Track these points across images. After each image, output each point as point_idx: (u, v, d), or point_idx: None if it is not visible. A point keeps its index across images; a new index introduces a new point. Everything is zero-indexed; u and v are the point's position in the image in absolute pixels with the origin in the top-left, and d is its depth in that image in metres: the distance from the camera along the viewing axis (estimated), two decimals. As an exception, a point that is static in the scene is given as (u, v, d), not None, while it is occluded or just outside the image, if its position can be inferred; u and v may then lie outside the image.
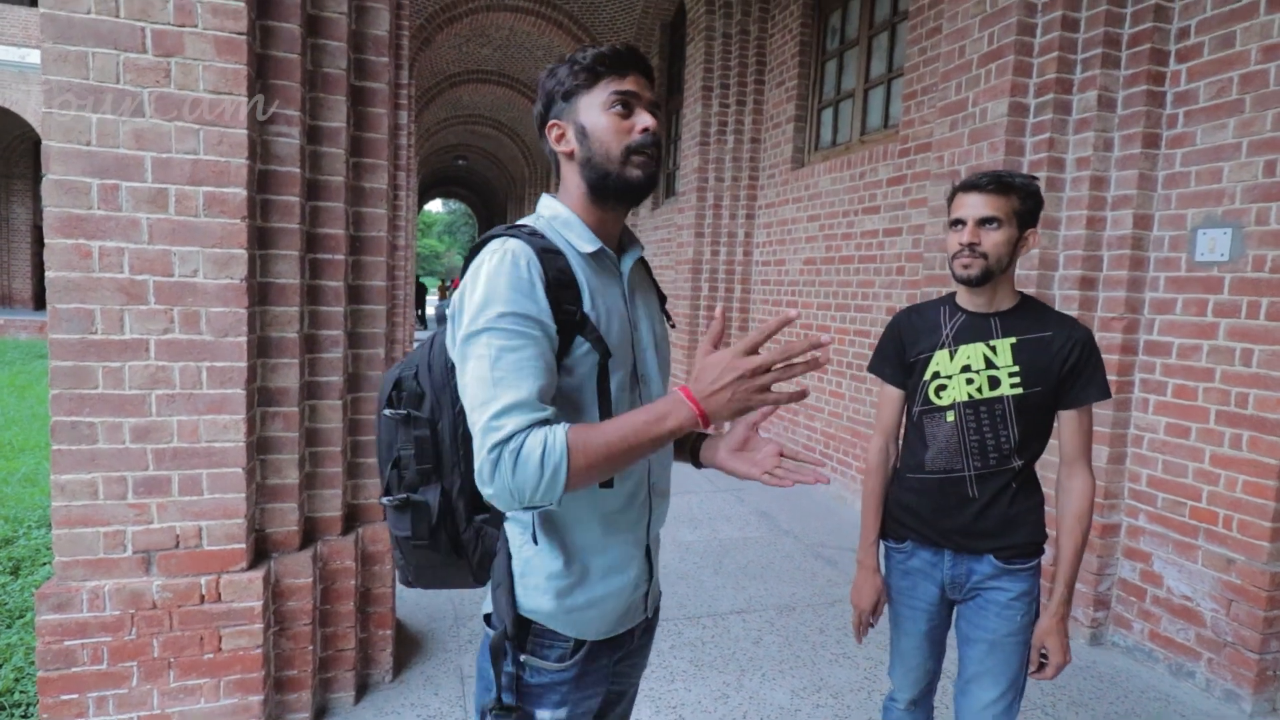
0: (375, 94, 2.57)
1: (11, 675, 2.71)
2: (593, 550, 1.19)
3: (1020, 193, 1.65)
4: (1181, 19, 3.07)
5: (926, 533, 1.79)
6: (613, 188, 1.16)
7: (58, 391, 2.09)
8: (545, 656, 1.19)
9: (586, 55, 1.15)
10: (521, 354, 1.03)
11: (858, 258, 5.43)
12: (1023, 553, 1.72)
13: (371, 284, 2.62)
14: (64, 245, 2.05)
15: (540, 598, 1.17)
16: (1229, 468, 2.88)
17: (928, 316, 1.81)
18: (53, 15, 1.99)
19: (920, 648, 1.84)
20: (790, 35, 6.41)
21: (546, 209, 1.22)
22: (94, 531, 2.16)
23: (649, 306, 1.31)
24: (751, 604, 3.61)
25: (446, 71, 13.41)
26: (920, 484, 1.79)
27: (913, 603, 1.83)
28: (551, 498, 1.01)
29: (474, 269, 1.09)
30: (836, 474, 5.62)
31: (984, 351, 1.69)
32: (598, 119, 1.15)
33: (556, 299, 1.08)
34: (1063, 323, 1.69)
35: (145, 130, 2.08)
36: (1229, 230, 2.88)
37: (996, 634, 1.71)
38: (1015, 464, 1.70)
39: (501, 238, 1.12)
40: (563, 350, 1.10)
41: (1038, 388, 1.65)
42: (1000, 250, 1.64)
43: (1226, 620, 2.86)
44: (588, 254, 1.17)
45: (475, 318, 1.04)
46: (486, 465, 0.99)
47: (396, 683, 2.77)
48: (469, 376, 1.04)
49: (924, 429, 1.78)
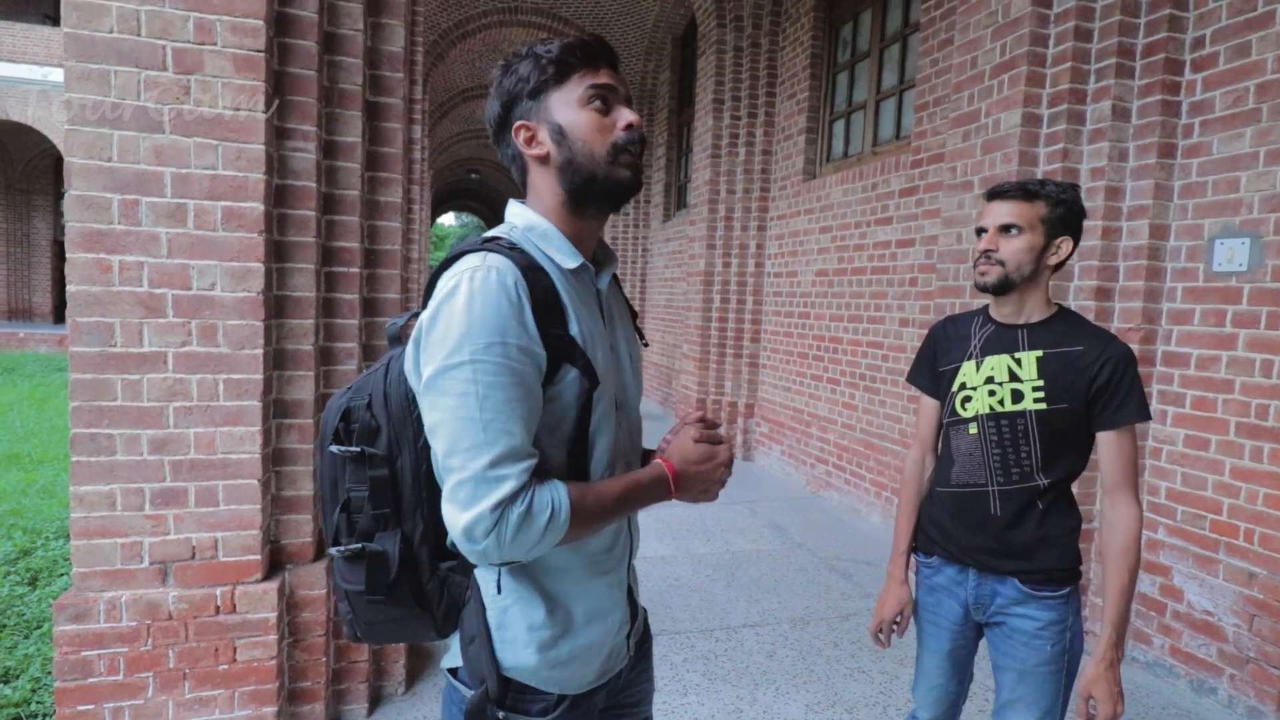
0: (390, 109, 2.60)
1: (29, 686, 2.73)
2: (575, 596, 1.09)
3: (1049, 200, 1.61)
4: (1196, 28, 3.06)
5: (950, 548, 1.75)
6: (598, 190, 1.06)
7: (77, 404, 2.11)
8: (527, 711, 1.07)
9: (553, 48, 1.04)
10: (511, 391, 0.93)
11: (870, 269, 5.42)
12: (1050, 579, 1.64)
13: (386, 297, 2.64)
14: (85, 259, 2.08)
15: (521, 652, 1.05)
16: (1250, 480, 2.84)
17: (961, 326, 1.80)
18: (76, 34, 2.03)
19: (942, 666, 1.80)
20: (801, 48, 6.44)
21: (519, 218, 1.09)
22: (111, 542, 2.18)
23: (625, 327, 1.20)
24: (765, 617, 3.59)
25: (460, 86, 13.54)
26: (946, 498, 1.76)
27: (936, 619, 1.80)
28: (531, 558, 0.98)
29: (449, 290, 0.95)
30: (850, 486, 5.58)
31: (1008, 363, 1.65)
32: (575, 116, 1.04)
33: (544, 323, 0.97)
34: (1098, 338, 1.61)
35: (165, 146, 2.11)
36: (1247, 240, 2.85)
37: (1025, 663, 1.65)
38: (1040, 483, 1.63)
39: (479, 253, 0.98)
40: (548, 381, 0.99)
41: (1063, 404, 1.59)
42: (1020, 258, 1.61)
43: (1249, 635, 2.81)
44: (570, 270, 1.06)
45: (458, 347, 0.92)
46: (483, 522, 0.91)
47: (409, 695, 2.77)
48: (447, 414, 0.92)
49: (950, 441, 1.76)
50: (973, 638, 1.80)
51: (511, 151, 1.10)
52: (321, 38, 2.33)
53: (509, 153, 1.11)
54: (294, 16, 2.27)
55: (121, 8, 2.04)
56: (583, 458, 1.06)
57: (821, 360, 6.05)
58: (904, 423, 5.01)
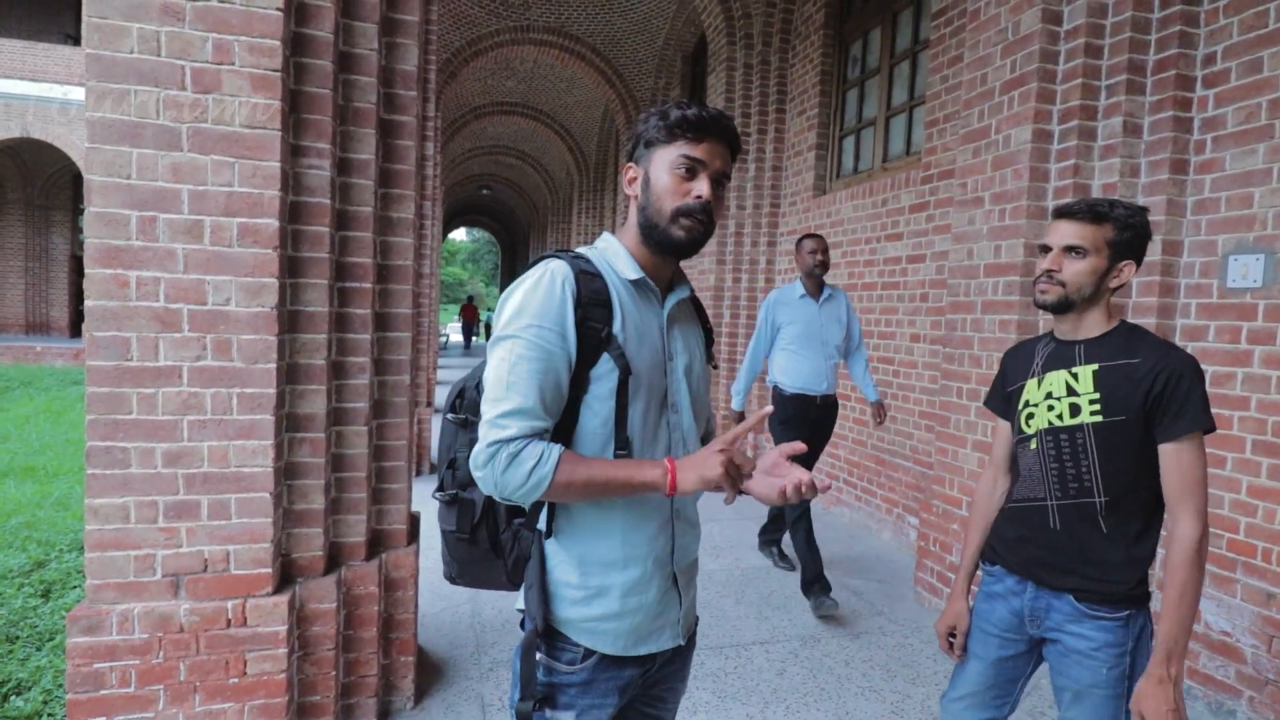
0: (404, 127, 2.63)
1: (40, 698, 2.74)
2: (611, 566, 1.25)
3: (1116, 223, 1.60)
4: (1208, 45, 3.05)
5: (1010, 560, 1.77)
6: (657, 239, 1.25)
7: (93, 417, 2.13)
8: (557, 658, 1.26)
9: (673, 114, 1.22)
10: (536, 364, 1.15)
11: (880, 284, 5.41)
12: (1106, 599, 1.61)
13: (398, 311, 2.66)
14: (103, 275, 2.11)
15: (560, 604, 1.25)
16: (1267, 499, 2.81)
17: (1027, 348, 1.83)
18: (97, 55, 2.07)
19: (983, 674, 1.78)
20: (811, 65, 6.47)
21: (602, 242, 1.32)
22: (125, 555, 2.19)
23: (689, 342, 1.37)
24: (775, 635, 3.56)
25: (472, 104, 13.69)
26: (1010, 512, 1.80)
27: (987, 626, 1.80)
28: (525, 501, 1.16)
29: (518, 282, 1.21)
30: (860, 503, 5.54)
31: (1066, 378, 1.66)
32: (661, 175, 1.23)
33: (584, 316, 1.18)
34: (1157, 350, 1.58)
35: (183, 164, 2.14)
36: (1261, 256, 2.84)
37: (1080, 684, 1.63)
38: (1100, 498, 1.61)
39: (550, 258, 1.23)
40: (589, 364, 1.20)
41: (1120, 416, 1.57)
42: (1081, 280, 1.61)
43: (1268, 657, 2.76)
44: (629, 280, 1.26)
45: (508, 323, 1.17)
46: (483, 454, 1.14)
47: (418, 710, 2.76)
48: (490, 372, 1.18)
49: (1017, 459, 1.79)
50: (1024, 653, 1.76)
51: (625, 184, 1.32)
52: (337, 57, 2.37)
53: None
54: (310, 36, 2.30)
55: (142, 29, 2.09)
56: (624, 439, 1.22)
57: (832, 376, 6.02)
58: (915, 439, 4.98)
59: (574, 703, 1.26)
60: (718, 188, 1.24)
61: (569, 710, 1.25)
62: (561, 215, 18.50)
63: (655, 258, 1.29)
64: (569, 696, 1.26)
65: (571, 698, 1.25)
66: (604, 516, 1.24)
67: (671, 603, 1.32)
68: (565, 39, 10.61)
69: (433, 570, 4.01)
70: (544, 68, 12.11)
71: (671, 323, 1.33)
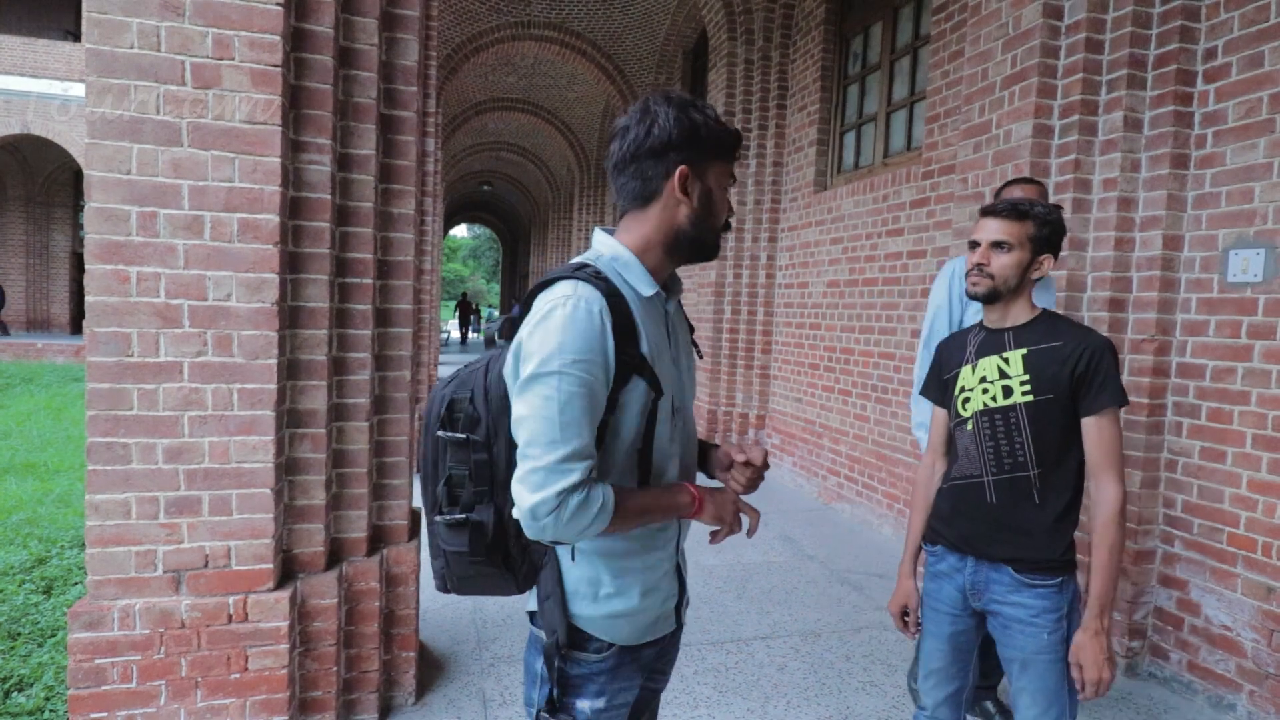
0: (404, 122, 2.63)
1: (42, 694, 2.75)
2: (635, 571, 1.28)
3: (1036, 220, 1.76)
4: (1208, 39, 3.05)
5: (950, 536, 1.88)
6: (698, 248, 1.25)
7: (94, 413, 2.14)
8: (584, 649, 1.27)
9: (730, 133, 1.22)
10: (586, 402, 1.11)
11: (881, 280, 5.41)
12: (1041, 568, 1.74)
13: (399, 307, 2.66)
14: (103, 270, 2.11)
15: (584, 604, 1.26)
16: (1267, 493, 2.81)
17: (959, 338, 1.97)
18: (97, 50, 2.07)
19: (942, 650, 1.90)
20: (812, 60, 6.46)
21: (606, 248, 1.25)
22: (126, 550, 2.19)
23: (683, 339, 1.38)
24: (776, 630, 3.56)
25: (473, 99, 13.67)
26: (948, 491, 1.91)
27: (937, 604, 1.92)
28: (574, 542, 1.18)
29: (547, 311, 1.13)
30: (861, 498, 5.55)
31: (998, 363, 1.80)
32: (719, 190, 1.24)
33: (620, 344, 1.15)
34: (1077, 332, 1.75)
35: (183, 159, 2.14)
36: (1262, 251, 2.83)
37: (1025, 651, 1.74)
38: (1032, 472, 1.75)
39: (572, 281, 1.16)
40: (619, 385, 1.17)
41: (1049, 395, 1.71)
42: (1008, 272, 1.77)
43: (1268, 651, 2.77)
44: (646, 297, 1.23)
45: (549, 359, 1.10)
46: (548, 503, 1.09)
47: (419, 705, 2.76)
48: (533, 411, 1.11)
49: (955, 441, 1.91)
50: (972, 626, 1.89)
51: (647, 178, 1.21)
52: (337, 52, 2.37)
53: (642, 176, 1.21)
54: (310, 32, 2.30)
55: (142, 24, 2.08)
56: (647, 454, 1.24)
57: (833, 371, 6.03)
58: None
59: (605, 689, 1.28)
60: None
61: (600, 697, 1.28)
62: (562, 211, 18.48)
63: (669, 264, 1.27)
64: (599, 684, 1.28)
65: (602, 685, 1.28)
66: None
67: (675, 591, 1.37)
68: (566, 34, 10.59)
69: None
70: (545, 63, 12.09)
71: (672, 324, 1.33)
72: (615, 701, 1.29)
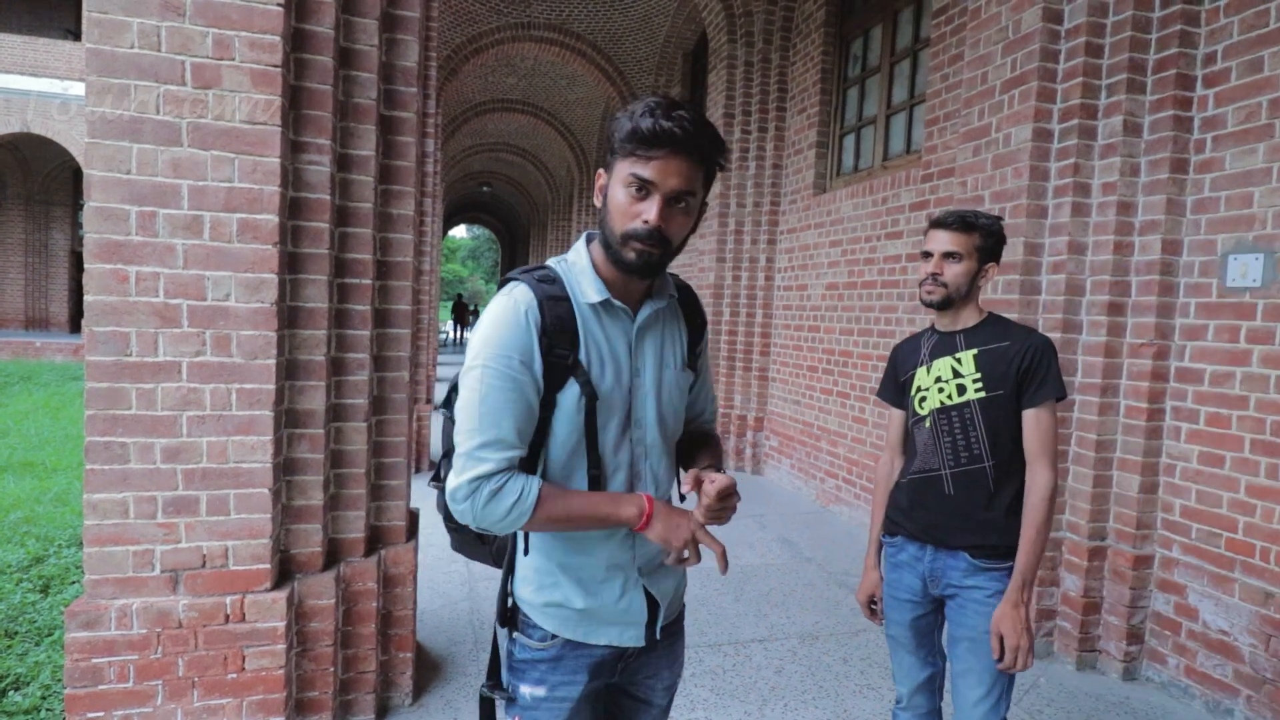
0: (404, 123, 2.63)
1: (38, 693, 2.74)
2: (566, 563, 1.29)
3: (982, 231, 1.88)
4: (1208, 44, 3.05)
5: (909, 526, 1.99)
6: (613, 259, 1.19)
7: (93, 412, 2.13)
8: (530, 636, 1.31)
9: (626, 124, 1.12)
10: (506, 394, 1.15)
11: (880, 283, 5.41)
12: (996, 554, 1.86)
13: (397, 308, 2.66)
14: (102, 270, 2.11)
15: (524, 587, 1.32)
16: (1266, 498, 2.81)
17: (913, 343, 2.10)
18: (98, 50, 2.07)
19: (907, 637, 2.01)
20: (812, 63, 6.47)
21: (573, 254, 1.27)
22: (124, 550, 2.19)
23: (661, 352, 1.32)
24: (773, 632, 3.56)
25: (472, 100, 13.67)
26: (906, 485, 2.03)
27: (897, 593, 2.03)
28: (502, 532, 1.19)
29: (488, 308, 1.21)
30: (860, 500, 5.55)
31: (951, 364, 1.93)
32: (617, 190, 1.15)
33: (550, 345, 1.18)
34: (1021, 333, 1.89)
35: (183, 159, 2.14)
36: (1261, 256, 2.84)
37: (976, 630, 1.84)
38: (987, 464, 1.87)
39: (515, 282, 1.22)
40: (556, 389, 1.20)
41: (999, 391, 1.85)
42: (959, 280, 1.89)
43: (1265, 656, 2.77)
44: (594, 303, 1.23)
45: (478, 353, 1.17)
46: (463, 489, 1.15)
47: (416, 706, 2.76)
48: (462, 402, 1.19)
49: (913, 439, 2.03)
50: (935, 614, 2.01)
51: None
52: (337, 53, 2.37)
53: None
54: (310, 32, 2.30)
55: (142, 24, 2.08)
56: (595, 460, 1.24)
57: (831, 374, 6.03)
58: (914, 437, 4.98)
59: (545, 678, 1.30)
60: (677, 205, 1.14)
61: (540, 685, 1.30)
62: (561, 213, 18.48)
63: (619, 273, 1.21)
64: (540, 672, 1.30)
65: (543, 674, 1.30)
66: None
67: (636, 606, 1.31)
68: (566, 36, 10.59)
69: (431, 567, 4.01)
70: (545, 65, 12.09)
71: (642, 336, 1.28)
72: (556, 694, 1.29)
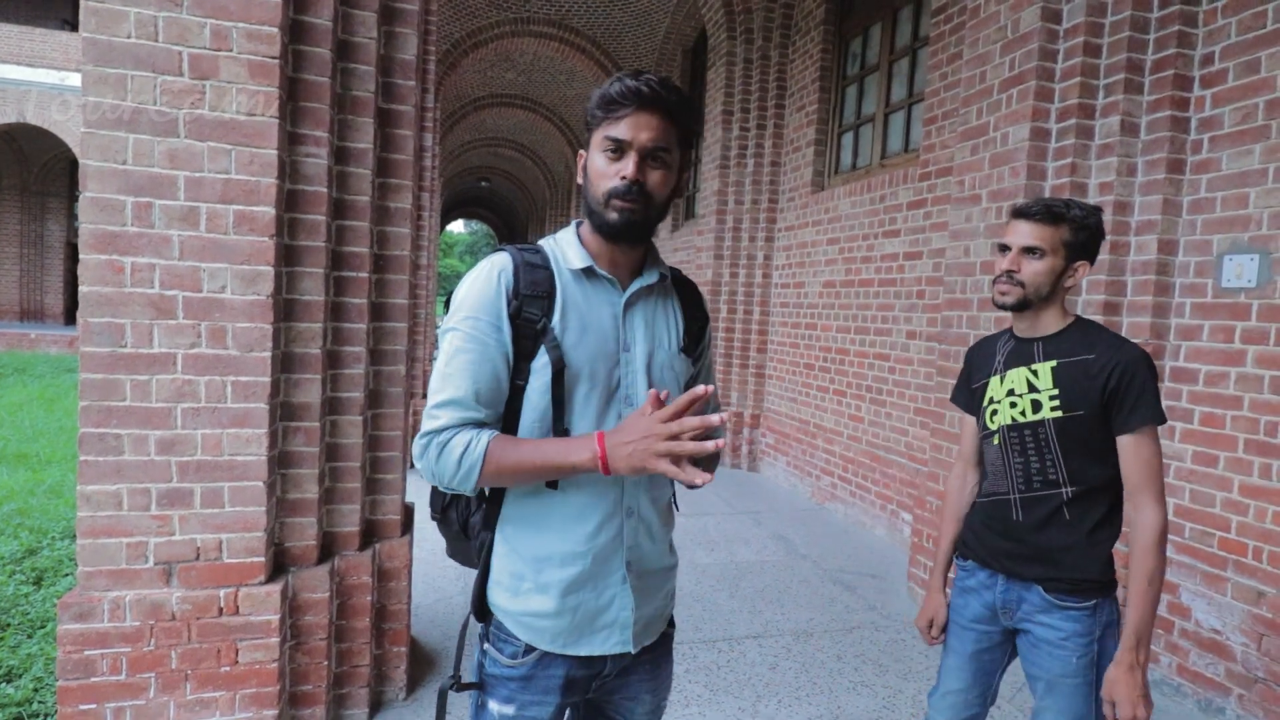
0: (402, 116, 2.62)
1: (31, 685, 2.73)
2: (548, 562, 1.23)
3: (1072, 224, 1.63)
4: (1205, 45, 3.06)
5: (980, 552, 1.81)
6: (597, 224, 1.20)
7: (87, 403, 2.13)
8: (501, 650, 1.27)
9: (597, 96, 1.17)
10: (471, 356, 1.17)
11: (877, 281, 5.41)
12: (1074, 589, 1.65)
13: (394, 302, 2.65)
14: (98, 261, 2.10)
15: (501, 593, 1.27)
16: (1259, 498, 2.82)
17: (989, 345, 1.87)
18: (94, 39, 2.06)
19: (962, 668, 1.82)
20: (811, 61, 6.46)
21: (561, 232, 1.30)
22: (117, 542, 2.18)
23: (655, 330, 1.29)
24: (768, 629, 3.57)
25: (471, 95, 13.63)
26: (978, 507, 1.85)
27: (962, 620, 1.84)
28: (464, 489, 1.17)
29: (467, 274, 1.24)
30: (855, 499, 5.56)
31: (1026, 375, 1.70)
32: (594, 158, 1.19)
33: (521, 308, 1.18)
34: (1111, 344, 1.62)
35: (179, 150, 2.13)
36: (1256, 256, 2.84)
37: (1051, 673, 1.66)
38: (1065, 490, 1.65)
39: (498, 250, 1.26)
40: (528, 355, 1.19)
41: (1079, 411, 1.61)
42: (1039, 280, 1.65)
43: (1257, 655, 2.78)
44: (576, 270, 1.23)
45: (450, 316, 1.20)
46: (417, 446, 1.17)
47: (410, 700, 2.76)
48: (436, 363, 1.21)
49: (983, 454, 1.85)
50: (999, 644, 1.80)
51: None
52: (335, 45, 2.36)
53: None
54: (309, 24, 2.29)
55: (140, 14, 2.07)
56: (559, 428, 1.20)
57: (828, 372, 6.04)
58: (910, 435, 4.99)
59: (514, 697, 1.26)
60: (653, 161, 1.16)
61: (510, 704, 1.26)
62: (559, 209, 18.45)
63: (610, 245, 1.23)
64: (509, 690, 1.26)
65: (512, 692, 1.26)
66: (543, 511, 1.22)
67: (622, 606, 1.26)
68: (565, 31, 10.57)
69: (426, 561, 4.01)
70: (544, 60, 12.06)
71: (631, 311, 1.27)
72: (525, 713, 1.26)
